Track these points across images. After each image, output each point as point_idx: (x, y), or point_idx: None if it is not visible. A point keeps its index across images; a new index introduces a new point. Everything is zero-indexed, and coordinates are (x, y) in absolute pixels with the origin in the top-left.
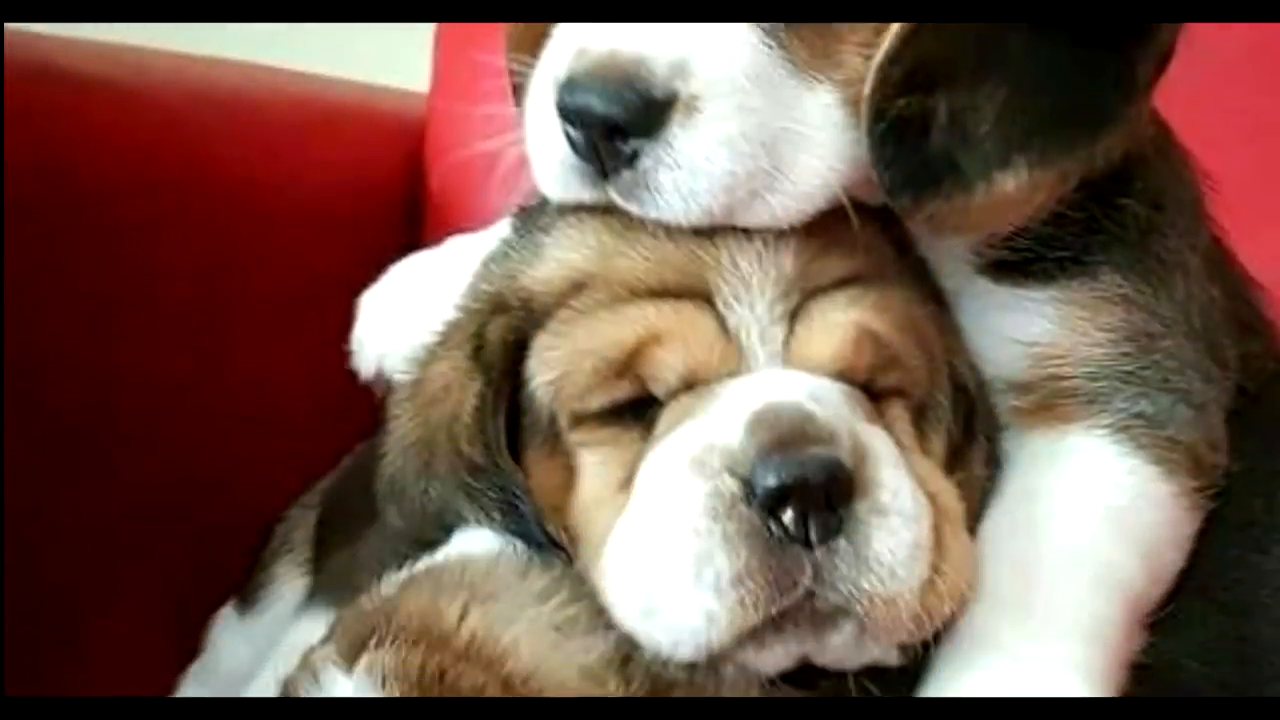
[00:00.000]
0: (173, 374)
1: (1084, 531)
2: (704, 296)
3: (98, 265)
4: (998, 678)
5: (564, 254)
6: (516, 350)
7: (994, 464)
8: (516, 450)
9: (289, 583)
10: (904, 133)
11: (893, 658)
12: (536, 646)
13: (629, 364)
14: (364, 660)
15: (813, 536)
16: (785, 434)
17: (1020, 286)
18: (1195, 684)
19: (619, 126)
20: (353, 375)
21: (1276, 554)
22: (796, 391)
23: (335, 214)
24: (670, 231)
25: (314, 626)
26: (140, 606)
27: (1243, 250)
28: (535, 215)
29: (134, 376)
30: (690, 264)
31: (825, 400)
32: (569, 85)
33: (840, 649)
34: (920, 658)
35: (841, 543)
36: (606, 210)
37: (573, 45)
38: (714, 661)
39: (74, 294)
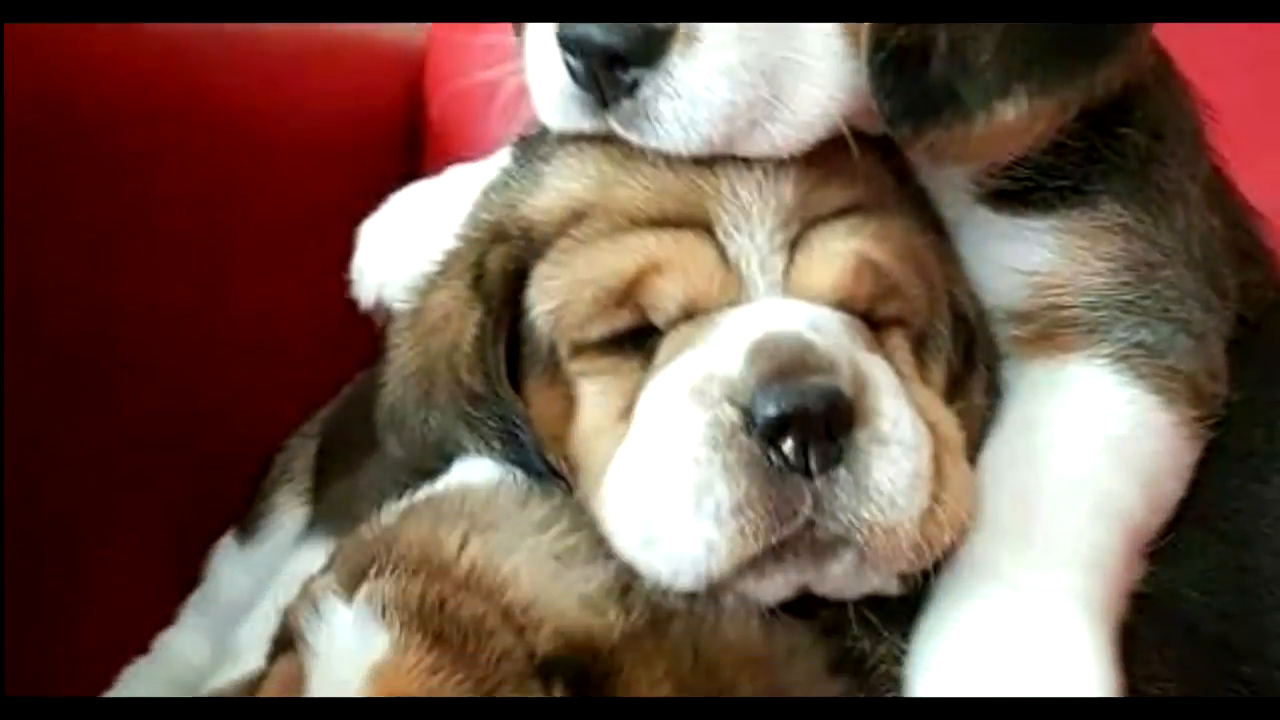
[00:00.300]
0: (173, 303)
1: (1084, 461)
2: (704, 226)
3: (98, 194)
4: (997, 607)
5: (564, 183)
6: (516, 279)
7: (994, 393)
8: (516, 380)
9: (289, 512)
10: (904, 62)
11: (893, 587)
12: (536, 576)
13: (629, 293)
14: (364, 589)
15: (813, 466)
16: (785, 363)
17: (1020, 216)
18: (1195, 614)
19: (619, 56)
20: (353, 304)
21: (1277, 484)
22: (796, 321)
23: (335, 143)
24: (670, 161)
25: (314, 556)
26: (140, 536)
27: (1242, 179)
28: (535, 144)
29: (134, 306)
30: (690, 193)
31: (825, 329)
32: None
33: (840, 578)
34: (920, 587)
35: (841, 472)
36: (607, 140)
37: None
38: (714, 591)
39: (74, 223)
